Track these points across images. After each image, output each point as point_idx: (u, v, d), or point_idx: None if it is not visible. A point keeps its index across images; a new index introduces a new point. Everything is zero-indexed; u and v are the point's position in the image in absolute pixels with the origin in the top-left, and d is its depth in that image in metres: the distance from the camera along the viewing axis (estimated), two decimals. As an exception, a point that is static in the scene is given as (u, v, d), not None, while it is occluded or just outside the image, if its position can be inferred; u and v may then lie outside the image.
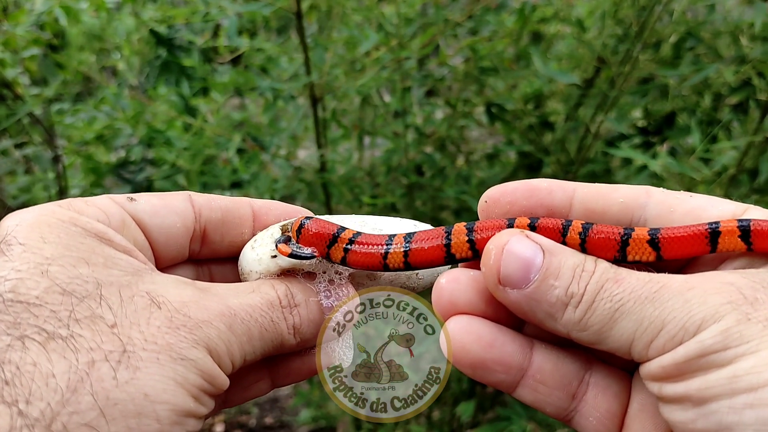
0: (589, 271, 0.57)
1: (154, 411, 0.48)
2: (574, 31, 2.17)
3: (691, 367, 0.51)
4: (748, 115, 2.04)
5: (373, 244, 0.67)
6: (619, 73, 2.03)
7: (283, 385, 0.70)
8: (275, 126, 2.22)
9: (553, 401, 0.64)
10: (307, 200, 2.32)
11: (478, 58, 2.04)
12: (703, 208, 0.61)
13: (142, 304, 0.53)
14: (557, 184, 0.66)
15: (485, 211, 0.67)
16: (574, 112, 2.29)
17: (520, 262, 0.58)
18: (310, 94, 2.06)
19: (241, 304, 0.59)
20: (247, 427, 3.35)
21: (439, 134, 2.23)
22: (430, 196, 2.29)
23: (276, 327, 0.61)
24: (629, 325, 0.54)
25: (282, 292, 0.63)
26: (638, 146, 2.19)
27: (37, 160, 2.65)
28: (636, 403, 0.63)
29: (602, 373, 0.65)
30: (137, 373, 0.48)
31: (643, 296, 0.54)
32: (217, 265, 0.73)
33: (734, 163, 1.87)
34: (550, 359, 0.64)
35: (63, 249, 0.54)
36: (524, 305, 0.59)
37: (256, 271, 0.67)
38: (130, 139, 2.78)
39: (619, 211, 0.64)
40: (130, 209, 0.63)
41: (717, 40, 2.05)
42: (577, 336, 0.58)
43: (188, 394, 0.51)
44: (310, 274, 0.68)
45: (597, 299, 0.56)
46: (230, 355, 0.56)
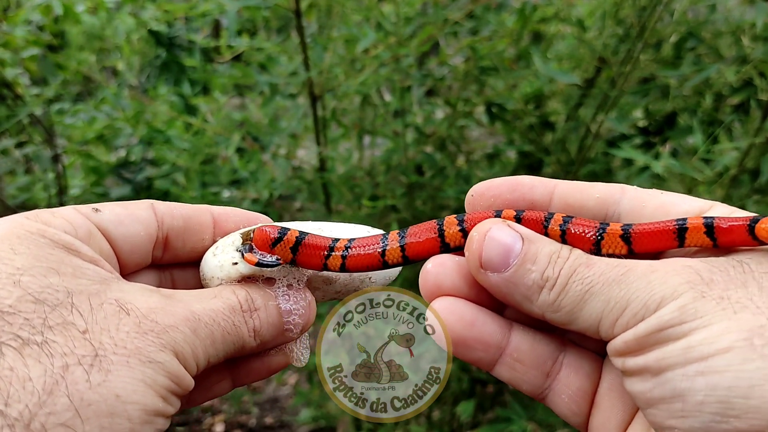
0: (563, 257, 0.62)
1: (125, 411, 0.51)
2: (575, 31, 2.17)
3: (650, 341, 0.55)
4: (749, 115, 2.03)
5: (370, 245, 0.71)
6: (620, 73, 2.03)
7: (243, 384, 0.73)
8: (275, 125, 2.22)
9: (528, 379, 0.69)
10: (307, 200, 2.32)
11: (478, 58, 2.04)
12: (672, 203, 0.66)
13: (111, 310, 0.56)
14: (539, 180, 0.71)
15: (471, 204, 0.72)
16: (575, 112, 2.28)
17: (501, 248, 0.63)
18: (310, 93, 2.06)
19: (204, 309, 0.62)
20: (247, 426, 3.35)
21: (439, 134, 2.23)
22: (430, 196, 2.29)
23: (237, 330, 0.64)
24: (598, 306, 0.59)
25: (243, 297, 0.66)
26: (639, 146, 2.19)
27: (37, 160, 2.65)
28: (606, 383, 0.68)
29: (575, 355, 0.70)
30: (109, 376, 0.51)
31: (611, 278, 0.59)
32: (178, 269, 0.76)
33: (735, 164, 1.87)
34: (527, 340, 0.69)
35: (33, 260, 0.56)
36: (503, 288, 0.63)
37: (218, 277, 0.70)
38: (130, 139, 2.78)
39: (595, 206, 0.69)
40: (95, 220, 0.65)
41: (718, 40, 2.05)
42: (551, 317, 0.62)
43: (157, 394, 0.54)
44: (269, 279, 0.70)
45: (569, 282, 0.60)
46: (195, 357, 0.59)
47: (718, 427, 0.51)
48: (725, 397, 0.50)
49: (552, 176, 2.21)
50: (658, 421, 0.56)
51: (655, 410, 0.55)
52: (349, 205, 2.21)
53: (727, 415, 0.50)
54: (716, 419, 0.51)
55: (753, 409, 0.49)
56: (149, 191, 2.79)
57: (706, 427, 0.51)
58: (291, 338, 0.71)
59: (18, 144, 2.75)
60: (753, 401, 0.49)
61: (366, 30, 1.90)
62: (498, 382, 2.57)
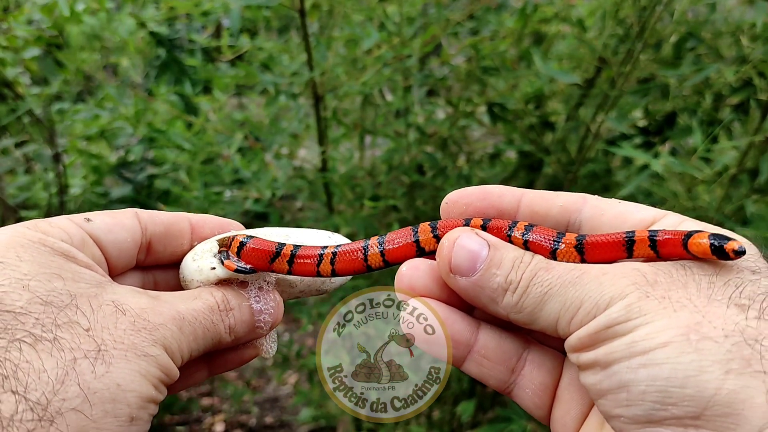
0: (526, 262, 0.68)
1: (125, 398, 0.59)
2: (575, 31, 2.17)
3: (600, 337, 0.60)
4: (748, 115, 2.04)
5: (356, 250, 0.77)
6: (620, 73, 2.03)
7: (217, 373, 0.82)
8: (276, 125, 2.22)
9: (495, 374, 0.74)
10: (307, 199, 2.32)
11: (480, 58, 2.04)
12: (629, 212, 0.72)
13: (109, 311, 0.63)
14: (507, 189, 0.77)
15: (445, 211, 0.77)
16: (575, 112, 2.29)
17: (468, 254, 0.69)
18: (313, 92, 2.06)
19: (187, 309, 0.70)
20: (248, 426, 3.35)
21: (440, 134, 2.23)
22: (431, 196, 2.29)
23: (215, 327, 0.72)
24: (555, 306, 0.64)
25: (219, 298, 0.74)
26: (639, 146, 2.19)
27: (37, 159, 2.66)
28: (566, 378, 0.74)
29: (538, 352, 0.76)
30: (110, 368, 0.59)
31: (568, 281, 0.64)
32: (160, 270, 0.83)
33: (735, 163, 1.87)
34: (494, 338, 0.74)
35: (38, 266, 0.64)
36: (471, 291, 0.69)
37: (197, 280, 0.77)
38: (130, 139, 2.78)
39: (558, 213, 0.75)
40: (87, 228, 0.73)
41: (718, 40, 2.05)
42: (514, 317, 0.68)
43: (150, 384, 0.62)
44: (243, 282, 0.78)
45: (530, 285, 0.66)
46: (180, 351, 0.67)
47: (658, 414, 0.56)
48: (664, 387, 0.55)
49: (552, 176, 2.21)
50: (607, 410, 0.61)
51: (605, 400, 0.60)
52: (350, 204, 2.21)
53: (665, 403, 0.55)
54: (656, 407, 0.56)
55: (688, 397, 0.54)
56: (149, 191, 2.79)
57: (647, 414, 0.56)
58: (261, 334, 0.79)
59: (18, 143, 2.75)
60: (688, 390, 0.54)
61: (369, 30, 1.90)
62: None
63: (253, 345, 0.81)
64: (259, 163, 2.09)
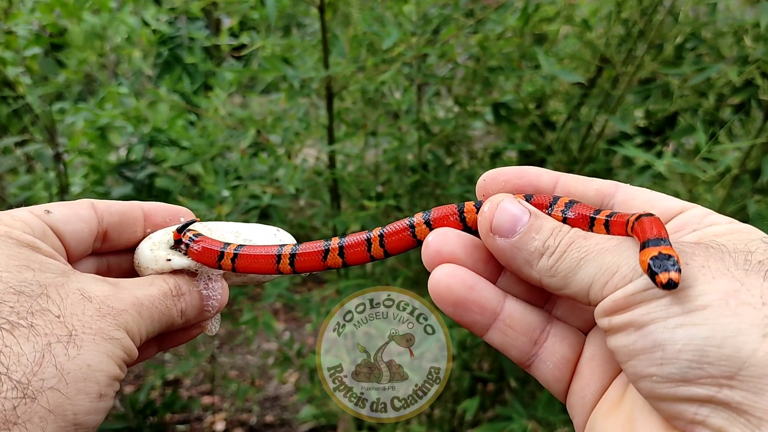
0: (564, 231, 0.70)
1: (95, 377, 0.65)
2: (577, 31, 2.17)
3: (637, 299, 0.61)
4: (750, 115, 2.04)
5: (359, 240, 0.79)
6: (623, 72, 2.04)
7: (165, 350, 0.90)
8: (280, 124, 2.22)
9: (517, 345, 0.76)
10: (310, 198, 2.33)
11: (488, 57, 2.05)
12: (656, 200, 0.74)
13: (76, 299, 0.69)
14: (544, 171, 0.79)
15: (483, 188, 0.79)
16: (577, 112, 2.29)
17: (510, 216, 0.71)
18: (327, 90, 2.06)
19: (144, 295, 0.76)
20: (248, 424, 3.36)
21: (445, 132, 2.23)
22: (434, 195, 2.30)
23: (169, 311, 0.78)
24: (591, 270, 0.66)
25: (173, 285, 0.80)
26: (640, 146, 2.19)
27: (38, 158, 2.65)
28: (587, 353, 0.75)
29: (560, 327, 0.77)
30: (81, 351, 0.65)
31: (605, 248, 0.66)
32: (113, 256, 0.89)
33: (737, 164, 1.88)
34: (519, 309, 0.76)
35: (7, 258, 0.69)
36: (507, 252, 0.71)
37: (152, 268, 0.83)
38: (131, 138, 2.78)
39: (593, 196, 0.77)
40: (47, 220, 0.77)
41: (719, 40, 2.06)
42: (547, 282, 0.69)
43: (116, 364, 0.68)
44: (193, 272, 0.84)
45: (568, 250, 0.68)
46: (140, 334, 0.73)
47: (693, 372, 0.57)
48: (701, 347, 0.56)
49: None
50: (638, 370, 0.61)
51: (636, 361, 0.61)
52: (353, 203, 2.21)
53: (701, 362, 0.56)
54: (692, 365, 0.57)
55: (725, 356, 0.56)
56: (150, 190, 2.79)
57: (682, 372, 0.57)
58: (209, 317, 0.86)
59: (19, 142, 2.74)
60: (725, 350, 0.56)
61: (390, 29, 1.90)
62: (498, 381, 2.58)
63: (199, 325, 0.88)
64: (276, 158, 2.09)
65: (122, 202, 0.86)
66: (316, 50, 2.12)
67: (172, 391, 3.39)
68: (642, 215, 0.66)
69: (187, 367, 2.66)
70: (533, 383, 2.48)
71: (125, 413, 2.76)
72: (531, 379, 2.48)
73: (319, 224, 2.37)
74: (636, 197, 0.75)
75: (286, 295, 2.18)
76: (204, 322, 0.88)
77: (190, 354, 2.76)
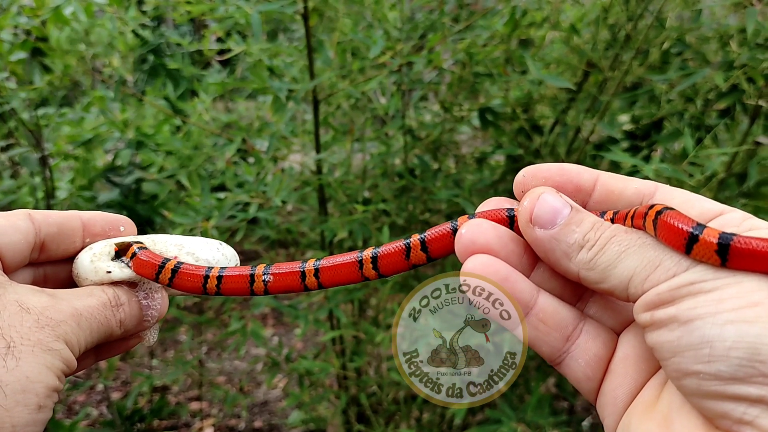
0: (605, 226, 0.69)
1: (34, 388, 0.66)
2: (564, 36, 2.18)
3: (682, 292, 0.60)
4: (734, 120, 2.06)
5: (347, 257, 0.79)
6: (610, 77, 2.05)
7: (102, 359, 0.90)
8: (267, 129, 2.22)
9: (549, 340, 0.74)
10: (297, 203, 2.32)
11: (474, 63, 2.05)
12: (694, 200, 0.72)
13: (14, 310, 0.69)
14: (584, 168, 0.77)
15: (523, 184, 0.77)
16: (564, 116, 2.30)
17: (551, 208, 0.70)
18: (313, 97, 2.06)
19: (83, 305, 0.76)
20: (237, 430, 3.34)
21: (432, 137, 2.24)
22: (421, 199, 2.30)
23: (108, 322, 0.78)
24: (632, 263, 0.64)
25: (111, 295, 0.81)
26: (626, 150, 2.21)
27: (24, 163, 2.63)
28: (620, 353, 0.74)
29: (593, 325, 0.76)
30: (20, 362, 0.66)
31: (647, 243, 0.65)
32: (50, 266, 0.88)
33: (723, 168, 1.89)
34: (552, 304, 0.74)
35: None
36: (546, 243, 0.70)
37: (91, 279, 0.83)
38: (117, 143, 2.76)
39: (632, 195, 0.75)
40: None
41: (705, 45, 2.07)
42: (584, 275, 0.68)
43: (55, 375, 0.68)
44: (133, 283, 0.85)
45: (608, 244, 0.67)
46: (79, 344, 0.73)
47: (744, 370, 0.55)
48: (753, 344, 0.55)
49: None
50: (683, 367, 0.60)
51: (681, 357, 0.60)
52: (341, 208, 2.21)
53: (753, 360, 0.55)
54: (743, 363, 0.55)
55: None
56: (137, 195, 2.78)
57: (732, 370, 0.56)
58: (147, 327, 0.86)
59: (4, 147, 2.72)
60: None
61: (375, 37, 1.90)
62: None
63: (137, 335, 0.88)
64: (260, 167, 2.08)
65: (60, 212, 0.86)
66: (303, 56, 2.12)
67: (160, 397, 3.37)
68: (663, 209, 0.65)
69: (176, 375, 2.64)
70: (522, 386, 2.48)
71: (113, 420, 2.75)
72: (520, 383, 2.49)
73: (307, 229, 2.36)
74: (675, 197, 0.73)
75: (273, 303, 2.18)
76: (143, 332, 0.88)
77: (176, 362, 2.75)
